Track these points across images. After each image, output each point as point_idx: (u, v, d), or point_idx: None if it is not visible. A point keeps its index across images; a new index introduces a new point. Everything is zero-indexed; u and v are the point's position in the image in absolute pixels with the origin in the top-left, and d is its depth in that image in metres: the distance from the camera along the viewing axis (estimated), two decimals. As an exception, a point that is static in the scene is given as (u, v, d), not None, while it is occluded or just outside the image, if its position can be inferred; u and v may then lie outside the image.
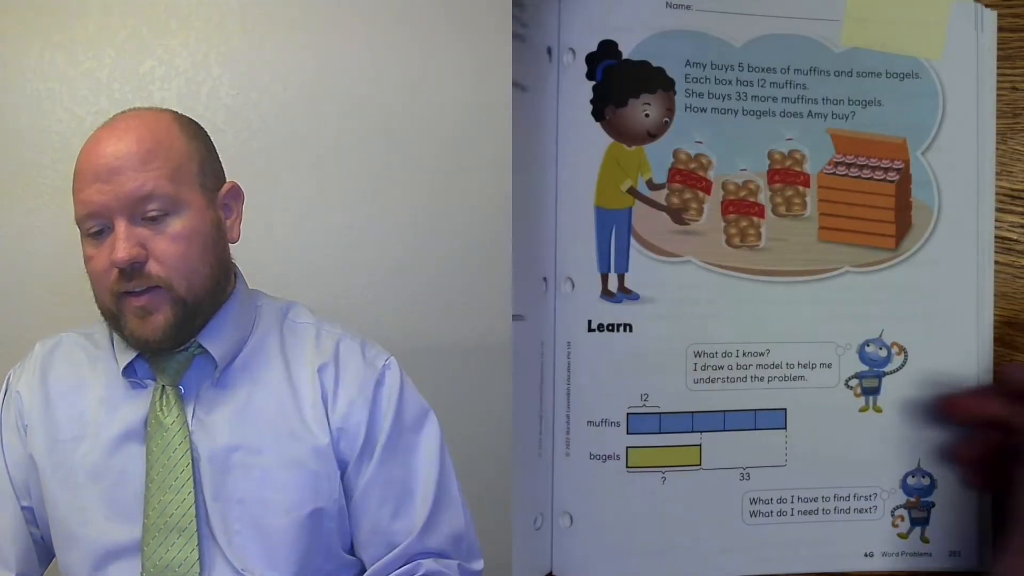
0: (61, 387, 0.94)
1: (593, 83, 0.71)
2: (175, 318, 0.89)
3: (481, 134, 1.33)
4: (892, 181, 0.72)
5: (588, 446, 0.71)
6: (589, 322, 0.71)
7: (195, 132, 0.96)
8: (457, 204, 1.35)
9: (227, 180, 0.97)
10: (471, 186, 1.34)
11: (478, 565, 0.96)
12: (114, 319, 0.91)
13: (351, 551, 0.95)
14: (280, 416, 0.92)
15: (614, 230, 0.71)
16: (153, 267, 0.88)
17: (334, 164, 1.35)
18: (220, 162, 0.98)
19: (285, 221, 1.23)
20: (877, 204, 0.72)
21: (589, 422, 0.71)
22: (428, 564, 0.92)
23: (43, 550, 0.95)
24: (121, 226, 0.88)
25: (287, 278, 1.07)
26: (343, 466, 0.93)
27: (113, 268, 0.88)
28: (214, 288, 0.93)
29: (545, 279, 0.71)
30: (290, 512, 0.90)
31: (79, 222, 0.91)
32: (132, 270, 0.88)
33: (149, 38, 1.34)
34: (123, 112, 0.96)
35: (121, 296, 0.89)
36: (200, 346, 0.92)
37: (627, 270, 0.71)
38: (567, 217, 0.71)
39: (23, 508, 0.93)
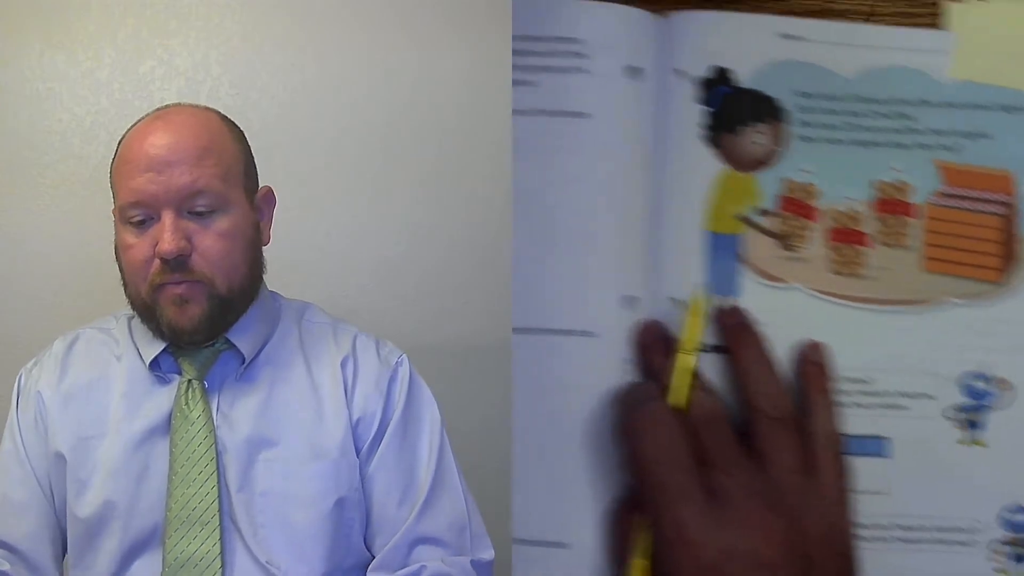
0: (81, 383, 0.92)
1: (707, 108, 0.71)
2: (210, 311, 0.89)
3: (481, 134, 1.33)
4: (998, 214, 0.73)
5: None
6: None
7: (240, 135, 0.96)
8: (456, 204, 1.34)
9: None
10: (470, 186, 1.33)
11: (488, 555, 0.95)
12: (148, 309, 0.89)
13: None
14: (302, 409, 0.92)
15: (724, 254, 0.71)
16: (197, 262, 0.88)
17: (334, 164, 1.33)
18: (255, 166, 0.97)
19: (284, 221, 1.21)
20: (982, 236, 0.73)
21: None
22: (433, 566, 0.91)
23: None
24: (168, 218, 0.87)
25: (285, 278, 1.06)
26: (358, 455, 0.93)
27: (155, 259, 0.87)
28: (249, 287, 0.93)
29: (635, 297, 0.71)
30: (315, 504, 0.89)
31: (122, 209, 0.89)
32: (176, 263, 0.87)
33: (149, 38, 1.31)
34: (169, 106, 0.95)
35: (159, 287, 0.88)
36: (227, 341, 0.92)
37: (737, 295, 0.71)
38: (672, 239, 0.71)
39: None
